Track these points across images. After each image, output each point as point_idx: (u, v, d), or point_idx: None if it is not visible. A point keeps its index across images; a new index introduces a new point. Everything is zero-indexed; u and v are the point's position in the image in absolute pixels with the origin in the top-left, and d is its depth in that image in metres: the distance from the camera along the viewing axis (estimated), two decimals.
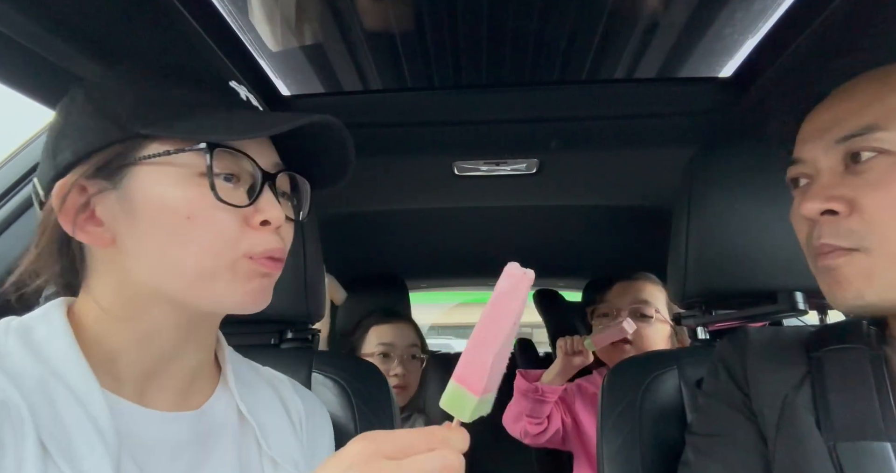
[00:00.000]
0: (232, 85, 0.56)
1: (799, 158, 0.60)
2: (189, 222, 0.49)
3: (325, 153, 0.58)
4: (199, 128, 0.49)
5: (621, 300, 1.42)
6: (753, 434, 0.64)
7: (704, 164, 0.87)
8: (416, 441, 0.41)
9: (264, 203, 0.52)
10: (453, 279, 2.62)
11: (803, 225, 0.59)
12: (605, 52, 1.03)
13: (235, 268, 0.51)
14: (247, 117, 0.52)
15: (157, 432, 0.52)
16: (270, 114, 0.53)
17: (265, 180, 0.52)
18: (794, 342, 0.68)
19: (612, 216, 1.70)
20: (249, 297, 0.52)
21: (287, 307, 0.87)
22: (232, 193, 0.50)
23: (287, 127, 0.49)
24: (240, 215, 0.50)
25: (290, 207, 0.58)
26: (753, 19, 0.90)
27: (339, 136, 0.56)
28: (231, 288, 0.51)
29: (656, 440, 0.82)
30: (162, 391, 0.54)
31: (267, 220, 0.51)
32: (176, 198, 0.49)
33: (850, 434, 0.57)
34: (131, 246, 0.50)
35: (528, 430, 1.38)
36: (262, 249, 0.51)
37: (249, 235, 0.51)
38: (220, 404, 0.59)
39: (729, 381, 0.69)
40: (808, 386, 0.62)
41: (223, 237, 0.50)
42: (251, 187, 0.52)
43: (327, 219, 1.53)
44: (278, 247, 0.53)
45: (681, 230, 0.88)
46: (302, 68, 1.08)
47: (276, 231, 0.53)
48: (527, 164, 1.24)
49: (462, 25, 0.94)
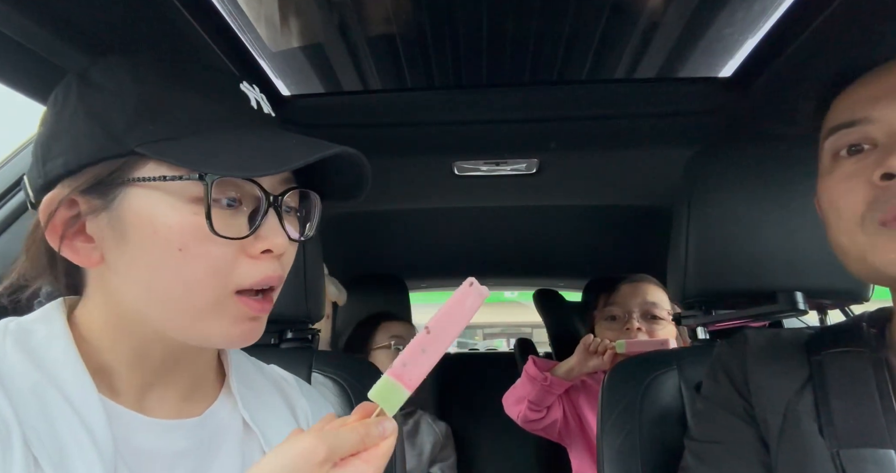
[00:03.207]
0: (242, 89, 0.51)
1: (865, 117, 0.55)
2: (181, 254, 0.45)
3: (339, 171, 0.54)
4: (202, 158, 0.44)
5: (631, 302, 1.42)
6: (754, 441, 0.64)
7: (704, 164, 0.87)
8: (358, 440, 0.42)
9: (267, 230, 0.48)
10: (453, 279, 2.61)
11: (862, 192, 0.54)
12: (605, 52, 1.03)
13: (223, 307, 0.47)
14: (257, 146, 0.47)
15: (156, 440, 0.50)
16: (283, 139, 0.49)
17: (270, 203, 0.48)
18: (793, 345, 0.67)
19: (612, 216, 1.70)
20: (237, 339, 0.50)
21: (287, 307, 0.86)
22: (231, 220, 0.47)
23: (299, 164, 0.45)
24: (237, 245, 0.47)
25: (295, 222, 0.54)
26: (753, 19, 0.90)
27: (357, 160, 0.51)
28: (218, 327, 0.48)
29: (656, 439, 0.82)
30: (162, 400, 0.52)
31: (269, 249, 0.48)
32: (169, 227, 0.45)
33: (853, 440, 0.56)
34: (120, 269, 0.47)
35: (527, 415, 1.39)
36: (254, 280, 0.48)
37: (243, 265, 0.47)
38: (223, 410, 0.56)
39: (729, 387, 0.69)
40: (809, 391, 0.61)
41: (215, 271, 0.46)
42: (254, 212, 0.48)
43: (327, 219, 1.53)
44: (274, 275, 0.49)
45: (681, 230, 0.88)
46: (302, 68, 1.08)
47: (278, 258, 0.49)
48: (527, 164, 1.24)
49: (462, 25, 0.94)
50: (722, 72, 1.06)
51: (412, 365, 0.46)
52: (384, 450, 0.43)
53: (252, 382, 0.61)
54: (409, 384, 0.45)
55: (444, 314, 0.47)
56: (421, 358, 0.46)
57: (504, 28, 0.94)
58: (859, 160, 0.56)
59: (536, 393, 1.36)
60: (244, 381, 0.60)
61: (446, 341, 0.47)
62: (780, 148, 0.84)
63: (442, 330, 0.47)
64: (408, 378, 0.45)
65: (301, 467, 0.39)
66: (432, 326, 0.47)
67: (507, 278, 2.63)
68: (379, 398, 0.45)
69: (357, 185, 0.54)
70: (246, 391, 0.59)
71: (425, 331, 0.46)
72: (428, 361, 0.46)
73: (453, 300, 0.48)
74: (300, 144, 0.47)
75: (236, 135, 0.47)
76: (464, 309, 0.47)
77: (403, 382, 0.45)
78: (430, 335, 0.46)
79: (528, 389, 1.38)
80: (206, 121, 0.47)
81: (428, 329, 0.46)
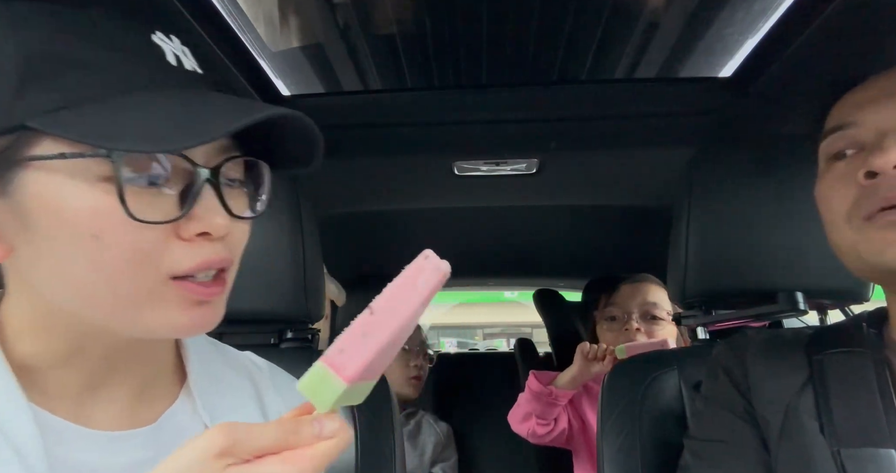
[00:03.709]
0: (156, 40, 0.42)
1: (853, 121, 0.58)
2: (96, 241, 0.38)
3: (287, 136, 0.46)
4: (104, 130, 0.36)
5: (630, 302, 1.42)
6: (754, 441, 0.64)
7: (704, 164, 0.87)
8: (279, 440, 0.35)
9: (202, 210, 0.40)
10: (453, 279, 2.60)
11: (849, 191, 0.57)
12: (605, 52, 1.03)
13: (160, 295, 0.40)
14: (172, 112, 0.39)
15: (101, 454, 0.43)
16: (207, 102, 0.41)
17: (204, 178, 0.40)
18: (793, 345, 0.67)
19: (612, 216, 1.70)
20: (186, 327, 0.42)
21: (287, 306, 0.87)
22: (156, 200, 0.39)
23: (222, 133, 0.38)
24: (167, 228, 0.39)
25: (242, 197, 0.46)
26: (753, 19, 0.90)
27: (302, 123, 0.44)
28: (161, 317, 0.41)
29: (656, 440, 0.82)
30: (109, 403, 0.45)
31: (205, 231, 0.40)
32: (77, 212, 0.37)
33: (854, 440, 0.56)
34: (32, 261, 0.40)
35: (536, 431, 1.38)
36: (190, 266, 0.40)
37: (176, 250, 0.40)
38: (182, 413, 0.49)
39: (729, 386, 0.69)
40: (810, 391, 0.61)
41: (140, 259, 0.39)
42: (186, 189, 0.40)
43: (327, 219, 1.53)
44: (216, 258, 0.42)
45: (681, 230, 0.88)
46: (302, 68, 1.08)
47: (220, 239, 0.42)
48: (527, 164, 1.24)
49: (462, 25, 0.94)
50: (722, 72, 1.06)
51: (350, 352, 0.37)
52: (318, 453, 0.35)
53: (217, 375, 0.54)
54: (346, 374, 0.36)
55: (391, 292, 0.39)
56: (361, 344, 0.37)
57: (504, 28, 0.94)
58: (849, 163, 0.58)
59: (542, 408, 1.35)
60: (208, 375, 0.52)
61: (392, 324, 0.38)
62: (779, 148, 0.84)
63: (388, 311, 0.38)
64: (343, 368, 0.36)
65: (192, 461, 0.33)
66: (376, 306, 0.38)
67: (507, 278, 2.63)
68: (308, 389, 0.37)
69: (309, 152, 0.46)
70: (209, 386, 0.52)
71: (368, 311, 0.38)
72: (369, 348, 0.37)
73: (403, 276, 0.39)
74: (227, 108, 0.40)
75: (148, 99, 0.39)
76: (416, 287, 0.39)
77: (338, 371, 0.36)
78: (372, 317, 0.38)
79: (533, 405, 1.37)
80: (110, 83, 0.39)
81: (371, 310, 0.38)
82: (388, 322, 0.38)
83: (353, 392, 0.37)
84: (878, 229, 0.54)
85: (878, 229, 0.54)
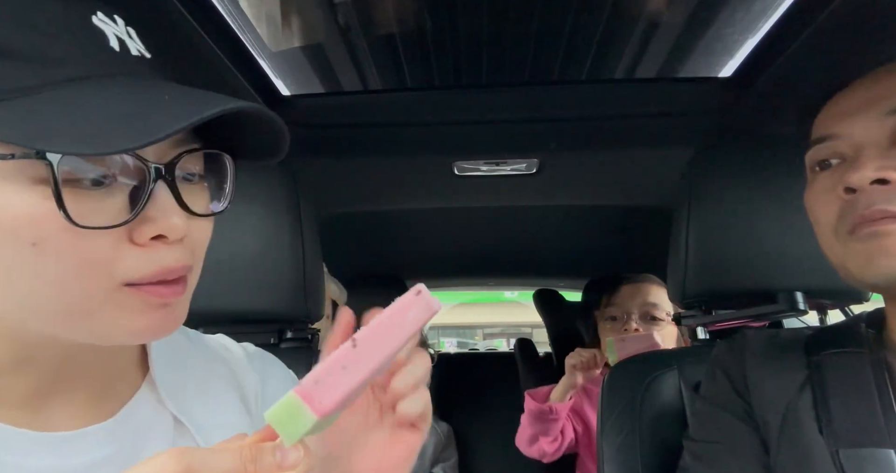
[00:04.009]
0: (96, 23, 0.37)
1: (833, 134, 0.59)
2: (36, 249, 0.34)
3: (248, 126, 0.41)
4: (36, 129, 0.32)
5: (630, 302, 1.42)
6: (753, 442, 0.64)
7: (704, 164, 0.87)
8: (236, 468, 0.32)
9: (156, 210, 0.36)
10: (453, 279, 2.62)
11: (833, 204, 0.58)
12: (605, 52, 1.03)
13: (114, 301, 0.37)
14: (113, 107, 0.34)
15: (55, 459, 0.40)
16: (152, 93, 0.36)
17: (156, 176, 0.36)
18: (792, 346, 0.67)
19: (612, 216, 1.70)
20: (144, 333, 0.39)
21: (287, 306, 0.87)
22: (102, 202, 0.35)
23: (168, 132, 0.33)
24: (117, 232, 0.35)
25: (202, 192, 0.42)
26: (753, 19, 0.90)
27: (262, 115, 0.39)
28: (116, 323, 0.37)
29: (656, 440, 0.82)
30: (65, 407, 0.42)
31: (160, 234, 0.37)
32: (14, 219, 0.33)
33: (852, 440, 0.56)
34: None
35: (546, 450, 1.37)
36: (145, 273, 0.37)
37: (129, 256, 0.36)
38: (145, 406, 0.46)
39: (728, 387, 0.69)
40: (809, 392, 0.61)
41: (88, 267, 0.35)
42: (136, 188, 0.36)
43: (327, 219, 1.53)
44: (176, 266, 0.38)
45: (681, 230, 0.88)
46: (302, 68, 1.08)
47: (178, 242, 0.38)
48: (527, 164, 1.24)
49: (462, 25, 0.94)
50: (722, 72, 1.06)
51: (327, 385, 0.34)
52: None
53: (184, 362, 0.50)
54: (319, 407, 0.34)
55: (378, 325, 0.37)
56: (339, 377, 0.35)
57: (504, 28, 0.95)
58: (831, 174, 0.59)
59: (546, 426, 1.35)
60: (174, 363, 0.49)
61: (375, 359, 0.36)
62: (780, 148, 0.84)
63: (371, 345, 0.36)
64: (318, 401, 0.34)
65: None
66: (360, 338, 0.36)
67: (507, 278, 2.63)
68: (276, 420, 0.34)
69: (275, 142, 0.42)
70: (174, 376, 0.49)
71: (351, 343, 0.36)
72: (347, 382, 0.35)
73: (392, 309, 0.37)
74: (175, 101, 0.35)
75: (88, 91, 0.35)
76: (404, 322, 0.37)
77: (311, 404, 0.34)
78: (355, 350, 0.36)
79: (536, 425, 1.36)
80: (42, 73, 0.34)
81: (354, 341, 0.36)
82: (371, 357, 0.36)
83: (322, 423, 0.35)
84: (860, 241, 0.55)
85: (860, 241, 0.55)
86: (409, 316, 0.37)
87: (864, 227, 0.54)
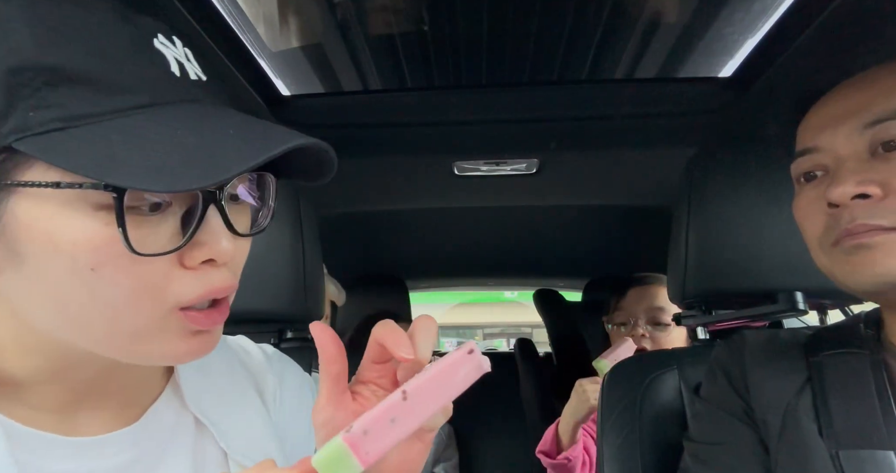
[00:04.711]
0: (157, 46, 0.37)
1: (814, 147, 0.59)
2: (94, 274, 0.34)
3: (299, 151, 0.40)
4: (104, 160, 0.32)
5: (637, 307, 1.40)
6: (753, 443, 0.64)
7: (704, 164, 0.87)
8: None
9: (207, 235, 0.37)
10: (453, 279, 2.62)
11: (819, 216, 0.58)
12: (605, 52, 1.03)
13: (164, 325, 0.38)
14: (180, 139, 0.34)
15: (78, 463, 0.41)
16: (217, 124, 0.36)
17: (207, 202, 0.36)
18: (792, 346, 0.67)
19: (613, 216, 1.70)
20: (183, 356, 0.40)
21: (287, 306, 0.87)
22: (158, 228, 0.35)
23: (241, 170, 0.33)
24: (170, 257, 0.36)
25: (246, 212, 0.43)
26: (753, 19, 0.90)
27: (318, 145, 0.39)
28: (160, 347, 0.38)
29: (656, 440, 0.82)
30: (95, 412, 0.43)
31: (211, 258, 0.37)
32: (74, 243, 0.33)
33: (852, 442, 0.56)
34: (21, 290, 0.36)
35: None
36: (196, 295, 0.37)
37: (181, 279, 0.37)
38: (168, 409, 0.47)
39: (728, 388, 0.69)
40: (808, 393, 0.61)
41: (144, 291, 0.36)
42: (187, 214, 0.37)
43: (327, 219, 1.54)
44: (223, 286, 0.39)
45: (681, 230, 0.88)
46: (302, 68, 1.08)
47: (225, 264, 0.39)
48: (527, 164, 1.24)
49: (462, 25, 0.94)
50: (722, 72, 1.06)
51: (374, 436, 0.35)
52: None
53: (207, 366, 0.51)
54: (366, 458, 0.34)
55: (430, 381, 0.37)
56: (388, 429, 0.35)
57: (504, 28, 0.95)
58: (815, 187, 0.60)
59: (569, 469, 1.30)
60: (197, 367, 0.50)
61: (424, 414, 0.36)
62: (779, 148, 0.84)
63: (423, 399, 0.36)
64: (365, 451, 0.34)
65: None
66: (412, 391, 0.36)
67: (507, 278, 2.63)
68: (323, 466, 0.34)
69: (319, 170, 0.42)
70: (197, 377, 0.49)
71: (401, 395, 0.36)
72: (395, 434, 0.35)
73: (445, 366, 0.37)
74: (240, 135, 0.36)
75: (155, 119, 0.35)
76: (455, 379, 0.37)
77: (358, 454, 0.34)
78: (405, 403, 0.36)
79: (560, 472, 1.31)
80: (109, 100, 0.34)
81: (405, 394, 0.36)
82: (420, 411, 0.36)
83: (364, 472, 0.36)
84: (844, 253, 0.56)
85: (844, 253, 0.56)
86: (460, 374, 0.38)
87: (847, 240, 0.55)
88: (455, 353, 0.38)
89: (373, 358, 0.43)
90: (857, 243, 0.54)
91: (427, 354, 0.40)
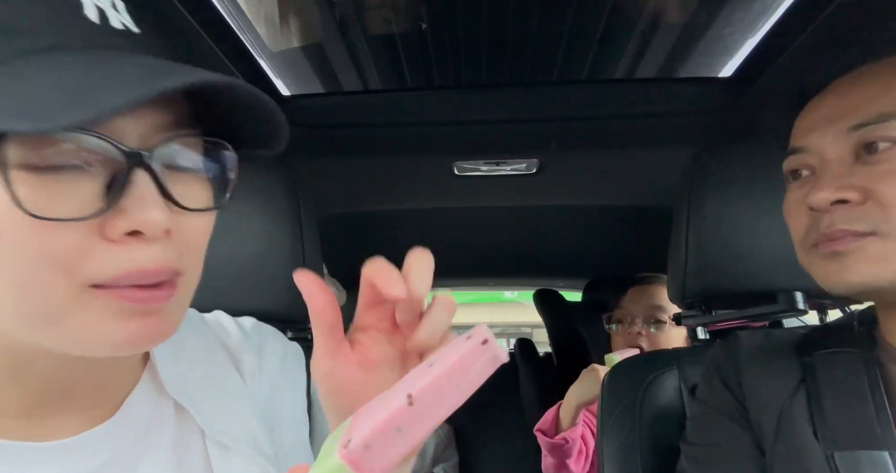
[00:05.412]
0: None
1: (802, 147, 0.60)
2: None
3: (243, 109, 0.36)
4: None
5: (635, 305, 1.40)
6: (749, 445, 0.64)
7: (704, 164, 0.87)
8: None
9: (133, 202, 0.32)
10: (453, 279, 2.62)
11: (802, 217, 0.59)
12: (605, 52, 1.03)
13: (84, 305, 0.32)
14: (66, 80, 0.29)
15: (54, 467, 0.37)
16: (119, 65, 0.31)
17: (133, 162, 0.32)
18: (785, 346, 0.67)
19: (612, 216, 1.70)
20: (125, 343, 0.34)
21: (287, 306, 0.87)
22: (72, 192, 0.31)
23: (120, 104, 0.28)
24: (89, 226, 0.31)
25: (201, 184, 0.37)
26: (753, 19, 0.90)
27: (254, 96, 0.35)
28: (89, 331, 0.33)
29: (656, 440, 0.82)
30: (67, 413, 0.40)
31: (136, 230, 0.32)
32: None
33: (847, 442, 0.56)
34: None
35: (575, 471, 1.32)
36: (112, 274, 0.32)
37: (99, 253, 0.32)
38: (145, 398, 0.44)
39: (723, 390, 0.69)
40: (803, 393, 0.61)
41: (50, 263, 0.31)
42: (114, 180, 0.32)
43: (327, 219, 1.53)
44: (149, 267, 0.33)
45: (681, 230, 0.88)
46: (302, 68, 1.08)
47: (164, 237, 0.33)
48: (527, 164, 1.24)
49: (462, 25, 0.94)
50: (722, 72, 1.06)
51: (379, 450, 0.29)
52: None
53: (184, 348, 0.47)
54: None
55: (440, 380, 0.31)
56: (392, 440, 0.30)
57: (504, 28, 0.95)
58: (800, 187, 0.61)
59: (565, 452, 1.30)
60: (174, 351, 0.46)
61: (434, 419, 0.30)
62: (779, 148, 0.84)
63: (430, 403, 0.30)
64: (368, 469, 0.29)
65: None
66: (418, 394, 0.30)
67: (507, 278, 2.63)
68: None
69: (272, 130, 0.37)
70: (174, 359, 0.46)
71: (406, 401, 0.30)
72: (402, 446, 0.30)
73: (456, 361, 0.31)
74: (141, 75, 0.31)
75: (48, 63, 0.31)
76: (469, 376, 0.31)
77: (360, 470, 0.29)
78: (411, 408, 0.30)
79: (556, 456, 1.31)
80: (5, 44, 0.30)
81: (411, 398, 0.30)
82: (430, 417, 0.30)
83: None
84: (821, 257, 0.57)
85: (821, 257, 0.57)
86: (474, 368, 0.31)
87: (825, 245, 0.56)
88: (466, 343, 0.32)
89: (367, 302, 0.39)
90: (832, 251, 0.55)
91: (423, 290, 0.36)
